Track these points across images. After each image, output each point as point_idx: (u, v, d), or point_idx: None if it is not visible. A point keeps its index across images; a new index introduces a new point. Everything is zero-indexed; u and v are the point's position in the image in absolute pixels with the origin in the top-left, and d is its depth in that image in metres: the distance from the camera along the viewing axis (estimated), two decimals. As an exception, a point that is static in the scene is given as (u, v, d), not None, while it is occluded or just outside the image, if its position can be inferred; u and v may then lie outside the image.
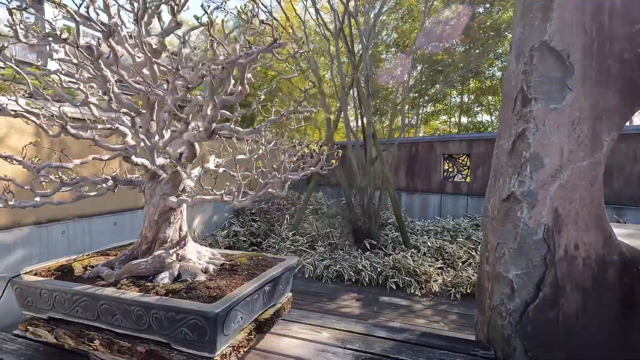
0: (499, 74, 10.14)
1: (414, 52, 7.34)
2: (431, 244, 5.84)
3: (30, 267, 1.85)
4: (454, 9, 8.08)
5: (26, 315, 1.80)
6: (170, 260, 1.72)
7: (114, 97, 1.39)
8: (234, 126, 1.57)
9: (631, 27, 1.57)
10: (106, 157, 1.66)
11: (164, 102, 1.59)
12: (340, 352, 1.75)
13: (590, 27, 1.60)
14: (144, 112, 1.64)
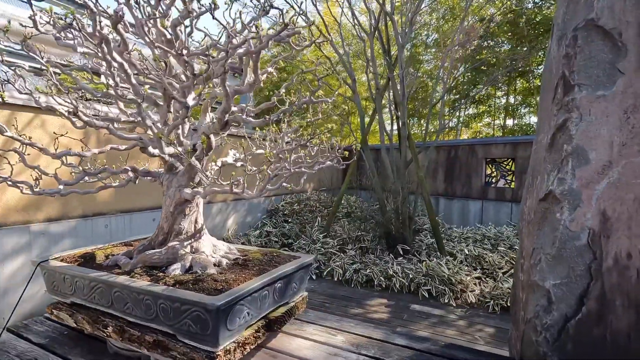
0: (550, 73, 9.40)
1: (454, 51, 7.03)
2: (469, 252, 5.49)
3: (58, 253, 1.94)
4: (498, 5, 7.64)
5: (53, 299, 1.88)
6: (183, 251, 1.72)
7: (131, 87, 1.41)
8: (245, 117, 1.53)
9: (701, -1, 1.33)
10: (123, 148, 1.69)
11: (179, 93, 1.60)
12: (352, 358, 1.64)
13: (647, 1, 1.39)
14: (161, 104, 1.66)
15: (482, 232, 6.51)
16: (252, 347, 1.52)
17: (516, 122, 10.95)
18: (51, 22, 1.23)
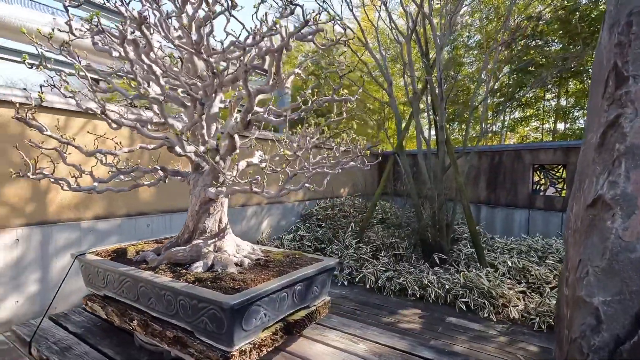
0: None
1: (498, 52, 6.69)
2: (512, 264, 5.12)
3: (95, 248, 2.05)
4: (547, 2, 7.17)
5: (89, 291, 1.99)
6: (206, 249, 1.74)
7: (159, 88, 1.46)
8: (267, 116, 1.52)
9: None
10: (151, 147, 1.75)
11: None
12: (374, 368, 1.56)
13: None
14: (188, 105, 1.70)
15: (528, 244, 6.05)
16: (269, 349, 1.49)
17: (568, 126, 10.16)
18: (87, 27, 1.31)
